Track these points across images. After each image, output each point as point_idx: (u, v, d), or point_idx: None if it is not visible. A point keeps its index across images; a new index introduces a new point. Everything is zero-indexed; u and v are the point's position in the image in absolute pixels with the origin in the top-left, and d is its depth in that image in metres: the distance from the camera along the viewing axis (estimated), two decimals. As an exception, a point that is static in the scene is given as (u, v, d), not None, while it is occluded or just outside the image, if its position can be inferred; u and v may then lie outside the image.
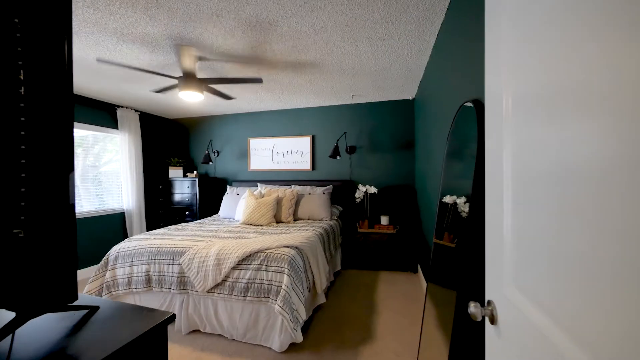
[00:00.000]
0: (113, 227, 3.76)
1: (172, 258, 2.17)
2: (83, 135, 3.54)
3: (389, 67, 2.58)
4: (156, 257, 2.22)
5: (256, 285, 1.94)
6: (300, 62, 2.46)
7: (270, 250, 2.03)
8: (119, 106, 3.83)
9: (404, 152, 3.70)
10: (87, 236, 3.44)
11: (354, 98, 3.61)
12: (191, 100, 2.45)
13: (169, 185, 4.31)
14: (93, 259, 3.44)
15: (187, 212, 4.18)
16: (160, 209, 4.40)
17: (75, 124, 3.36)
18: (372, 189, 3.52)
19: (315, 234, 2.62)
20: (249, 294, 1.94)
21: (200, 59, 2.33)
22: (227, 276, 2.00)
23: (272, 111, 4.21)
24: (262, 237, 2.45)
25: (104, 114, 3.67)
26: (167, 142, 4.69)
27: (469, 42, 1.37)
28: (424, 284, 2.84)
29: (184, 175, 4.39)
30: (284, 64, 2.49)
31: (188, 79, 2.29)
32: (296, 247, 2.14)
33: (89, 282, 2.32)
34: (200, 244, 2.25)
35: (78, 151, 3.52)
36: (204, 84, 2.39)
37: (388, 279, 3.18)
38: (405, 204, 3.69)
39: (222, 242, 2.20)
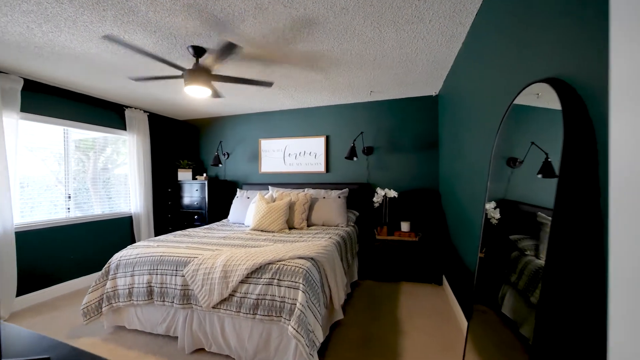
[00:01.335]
0: (121, 231, 3.63)
1: (175, 268, 1.97)
2: (95, 137, 3.46)
3: (415, 57, 2.32)
4: (158, 267, 2.02)
5: (267, 302, 1.70)
6: (316, 54, 2.23)
7: (283, 262, 1.80)
8: (127, 107, 3.71)
9: (426, 153, 3.41)
10: (94, 241, 3.32)
11: (372, 95, 3.36)
12: (197, 96, 2.26)
13: (177, 188, 4.17)
14: (99, 266, 3.30)
15: (195, 217, 4.02)
16: (169, 213, 4.25)
17: (84, 125, 3.25)
18: (392, 193, 3.24)
19: (332, 242, 2.37)
20: (258, 312, 1.71)
21: (207, 50, 2.15)
22: (234, 290, 1.78)
23: (285, 110, 4.01)
24: (274, 245, 2.22)
25: (112, 114, 3.56)
26: (177, 143, 4.57)
27: (525, 19, 1.11)
28: (452, 298, 2.54)
29: (194, 178, 4.24)
30: (298, 56, 2.28)
31: (196, 72, 2.10)
32: (312, 259, 1.90)
33: (88, 293, 2.15)
34: (206, 252, 2.04)
35: (89, 154, 3.44)
36: (210, 77, 2.20)
37: (411, 292, 2.89)
38: (428, 209, 3.39)
39: (230, 252, 1.99)
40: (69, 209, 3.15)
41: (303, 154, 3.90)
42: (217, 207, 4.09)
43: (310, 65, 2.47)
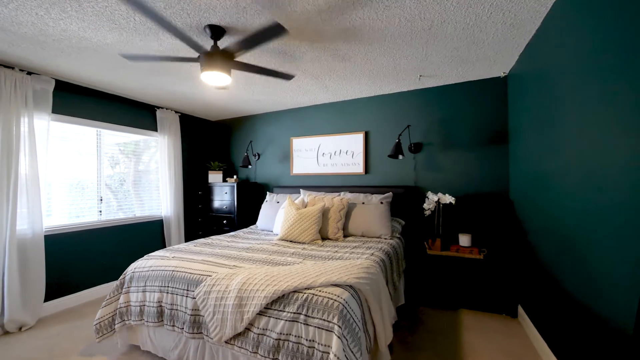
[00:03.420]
0: (151, 235, 3.53)
1: (186, 288, 1.66)
2: (137, 140, 3.45)
3: (486, 20, 1.75)
4: (169, 284, 1.73)
5: (291, 344, 1.29)
6: (354, 22, 1.79)
7: (313, 291, 1.37)
8: (158, 107, 3.63)
9: (490, 150, 2.75)
10: (124, 244, 3.24)
11: (422, 80, 2.80)
12: (217, 85, 1.96)
13: (208, 191, 4.00)
14: (128, 270, 3.20)
15: (224, 221, 3.80)
16: (199, 217, 4.10)
17: (115, 126, 3.19)
18: (447, 198, 2.65)
19: (375, 261, 1.89)
20: (280, 357, 1.30)
21: (226, 29, 1.83)
22: (251, 324, 1.40)
23: (318, 105, 3.61)
24: (302, 263, 1.81)
25: (144, 115, 3.49)
26: (208, 144, 4.43)
27: None
28: (538, 339, 1.88)
29: (224, 180, 4.04)
30: (333, 28, 1.85)
31: (209, 56, 1.79)
32: (351, 287, 1.44)
33: (101, 307, 1.94)
34: (222, 269, 1.70)
35: (131, 156, 3.42)
36: (230, 62, 1.88)
37: (475, 325, 2.27)
38: (495, 220, 2.72)
39: (248, 271, 1.62)
40: (100, 211, 3.10)
41: (339, 152, 3.46)
42: (246, 212, 3.84)
43: (347, 42, 2.03)
